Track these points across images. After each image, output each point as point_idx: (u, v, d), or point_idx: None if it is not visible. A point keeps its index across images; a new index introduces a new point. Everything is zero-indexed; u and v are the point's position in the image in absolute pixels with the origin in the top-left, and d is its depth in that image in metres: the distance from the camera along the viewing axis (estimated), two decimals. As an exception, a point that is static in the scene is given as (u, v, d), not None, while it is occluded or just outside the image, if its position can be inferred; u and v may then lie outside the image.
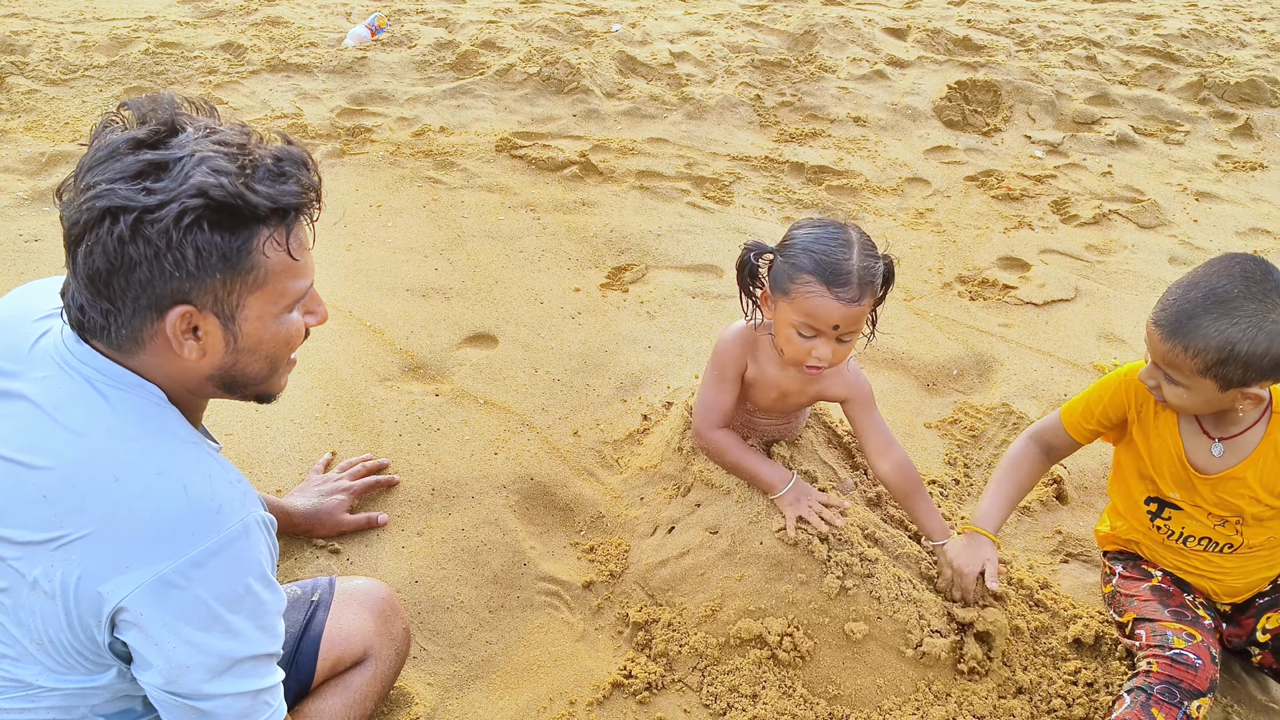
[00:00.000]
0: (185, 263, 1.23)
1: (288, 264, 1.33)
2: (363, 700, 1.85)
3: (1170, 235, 4.30)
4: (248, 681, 1.33)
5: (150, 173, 1.22)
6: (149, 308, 1.26)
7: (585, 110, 5.00)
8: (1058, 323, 3.62)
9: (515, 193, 4.20)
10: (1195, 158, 5.05)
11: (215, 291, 1.28)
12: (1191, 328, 1.79)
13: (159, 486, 1.24)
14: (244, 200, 1.24)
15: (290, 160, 1.31)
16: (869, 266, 2.02)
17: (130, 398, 1.30)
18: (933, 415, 3.16)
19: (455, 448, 2.71)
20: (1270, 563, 2.12)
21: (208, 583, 1.24)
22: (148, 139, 1.25)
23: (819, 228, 2.08)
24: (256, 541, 1.30)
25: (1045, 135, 5.24)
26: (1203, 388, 1.85)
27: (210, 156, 1.23)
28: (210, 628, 1.27)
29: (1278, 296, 1.76)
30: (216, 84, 4.98)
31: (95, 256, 1.22)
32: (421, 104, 4.94)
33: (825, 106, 5.33)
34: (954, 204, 4.50)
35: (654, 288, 3.64)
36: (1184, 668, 1.94)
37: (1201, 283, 1.81)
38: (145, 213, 1.20)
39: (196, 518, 1.24)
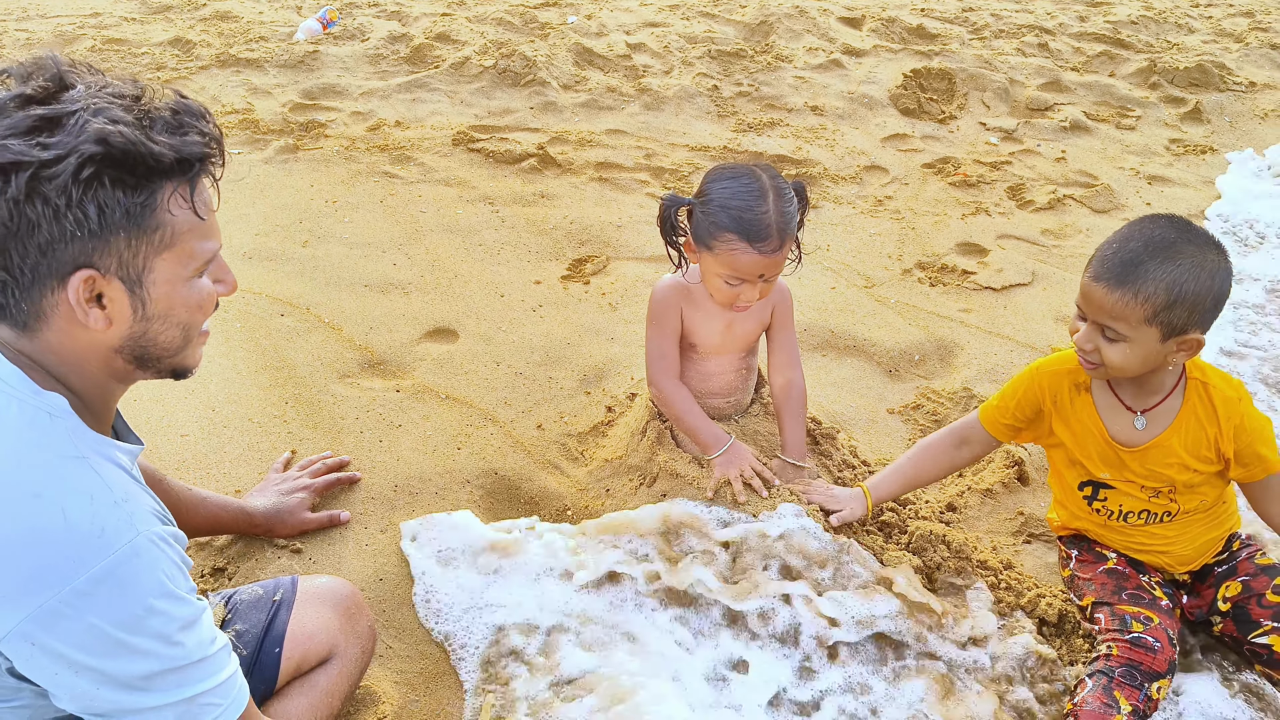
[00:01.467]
0: (87, 221, 1.15)
1: (195, 223, 1.26)
2: (329, 699, 1.82)
3: (1124, 218, 4.36)
4: (175, 692, 1.25)
5: (44, 128, 1.14)
6: (49, 274, 1.17)
7: (542, 103, 4.97)
8: (1016, 307, 3.65)
9: (473, 186, 4.17)
10: (1147, 142, 5.12)
11: (120, 253, 1.20)
12: (1140, 273, 1.84)
13: (34, 511, 1.15)
14: (145, 149, 1.17)
15: (188, 112, 1.24)
16: (785, 211, 2.10)
17: (18, 407, 1.21)
18: (895, 401, 3.17)
19: (417, 444, 2.68)
20: (1211, 523, 2.16)
21: (99, 610, 1.16)
22: (37, 95, 1.17)
23: (733, 179, 2.13)
24: (150, 560, 1.21)
25: (1000, 122, 5.29)
26: (1145, 338, 1.89)
27: (106, 107, 1.16)
28: (113, 653, 1.19)
29: (1205, 242, 1.85)
30: (165, 80, 4.89)
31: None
32: (376, 98, 4.88)
33: (783, 96, 5.34)
34: (912, 191, 4.53)
35: (615, 279, 3.62)
36: (1143, 650, 1.98)
37: (1136, 234, 1.88)
38: (42, 167, 1.12)
39: (77, 544, 1.15)
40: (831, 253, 3.94)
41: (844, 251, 3.96)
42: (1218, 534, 2.19)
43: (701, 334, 2.36)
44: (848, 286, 3.72)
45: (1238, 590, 2.15)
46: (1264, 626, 2.08)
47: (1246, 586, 2.14)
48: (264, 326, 3.02)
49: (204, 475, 2.49)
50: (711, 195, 2.14)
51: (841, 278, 3.77)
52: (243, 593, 1.85)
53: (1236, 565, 2.18)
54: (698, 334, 2.36)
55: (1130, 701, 1.93)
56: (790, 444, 2.41)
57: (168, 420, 2.65)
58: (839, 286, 3.70)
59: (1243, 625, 2.13)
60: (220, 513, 2.21)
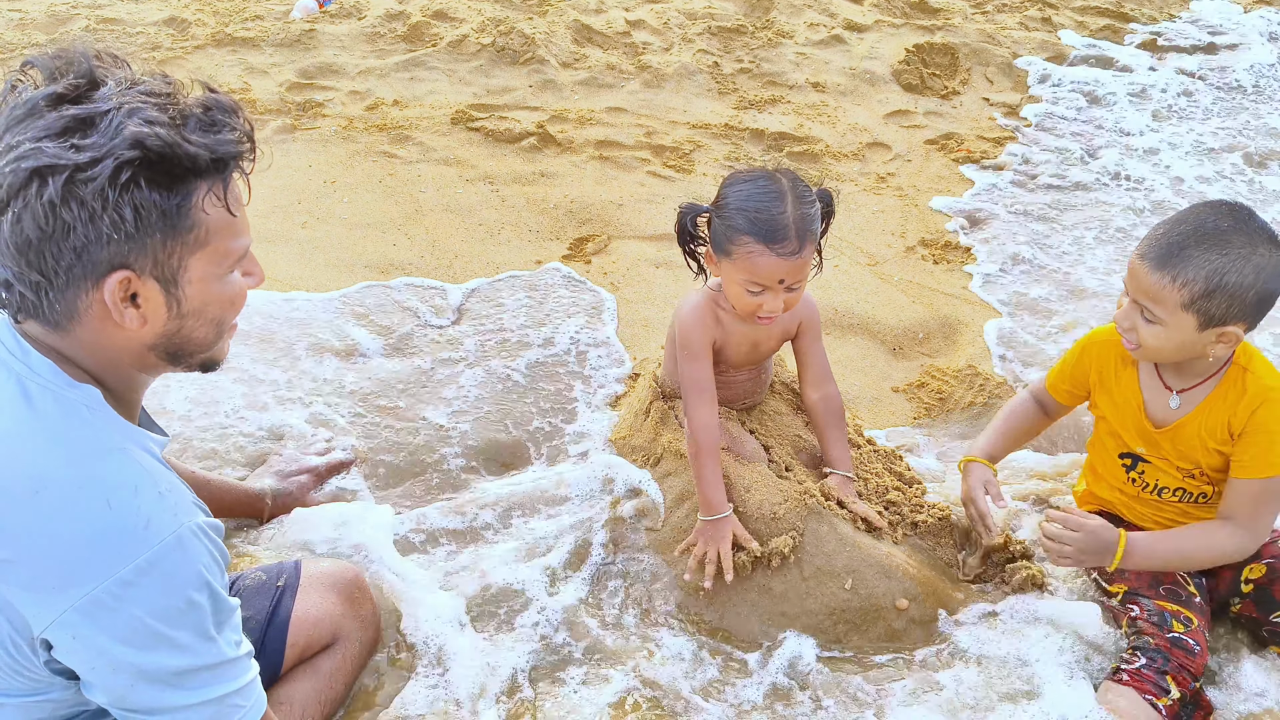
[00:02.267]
0: (123, 223, 1.14)
1: (228, 221, 1.26)
2: (333, 684, 1.82)
3: (1129, 190, 4.32)
4: (206, 691, 1.25)
5: (77, 128, 1.13)
6: (84, 276, 1.17)
7: (541, 81, 4.92)
8: (1024, 282, 3.63)
9: (473, 165, 4.13)
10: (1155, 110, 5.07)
11: (155, 254, 1.19)
12: (1183, 258, 1.80)
13: (81, 502, 1.16)
14: (181, 150, 1.16)
15: (220, 108, 1.23)
16: (805, 214, 2.03)
17: (56, 401, 1.21)
18: (900, 379, 3.15)
19: (422, 424, 2.66)
20: None
21: (141, 601, 1.16)
22: (69, 93, 1.15)
23: (749, 182, 2.07)
24: (193, 552, 1.22)
25: (1003, 97, 5.25)
26: (1182, 325, 1.86)
27: (140, 107, 1.15)
28: (152, 646, 1.19)
29: (1262, 236, 1.80)
30: (161, 60, 4.84)
31: (24, 224, 1.12)
32: (374, 77, 4.83)
33: (784, 73, 5.29)
34: (915, 168, 4.49)
35: (616, 258, 3.59)
36: (1183, 652, 1.96)
37: (1189, 218, 1.84)
38: (77, 170, 1.11)
39: (122, 534, 1.16)
40: (834, 231, 3.90)
41: (847, 229, 3.93)
42: None
43: (728, 351, 2.31)
44: (851, 264, 3.69)
45: (1262, 572, 2.13)
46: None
47: (1272, 568, 2.12)
48: (261, 312, 3.00)
49: (208, 460, 2.47)
50: (728, 200, 2.08)
51: (845, 255, 3.74)
52: (246, 578, 1.83)
53: (1261, 549, 2.15)
54: (723, 352, 2.31)
55: (1181, 689, 1.92)
56: (838, 458, 2.38)
57: (171, 404, 2.63)
58: (842, 264, 3.67)
59: (1264, 605, 2.12)
60: (224, 495, 2.19)
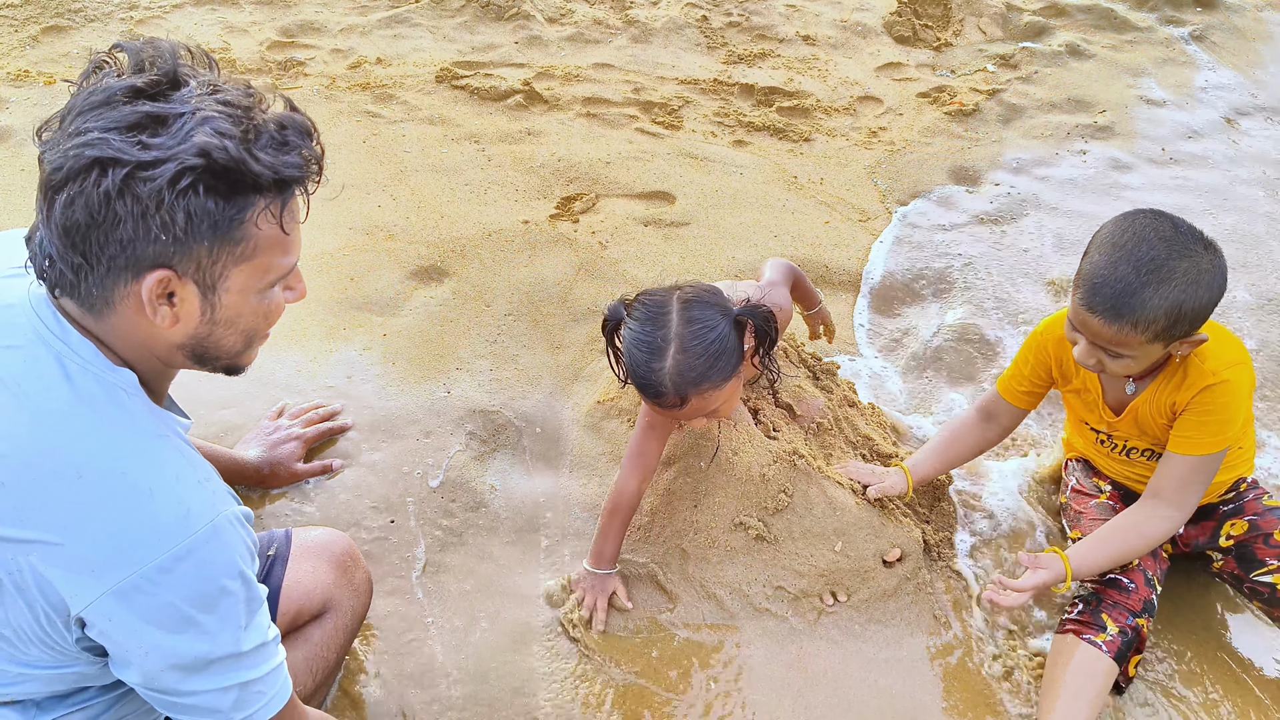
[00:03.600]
0: (173, 226, 1.14)
1: (279, 238, 1.25)
2: (325, 652, 1.81)
3: (1120, 144, 4.28)
4: (231, 676, 1.28)
5: (148, 125, 1.13)
6: (125, 268, 1.17)
7: (527, 37, 4.84)
8: (1014, 237, 3.60)
9: (458, 124, 4.07)
10: (1144, 64, 5.01)
11: (199, 259, 1.19)
12: (1136, 304, 1.76)
13: (123, 489, 1.17)
14: (246, 167, 1.16)
15: (295, 128, 1.22)
16: (691, 367, 1.86)
17: (98, 383, 1.22)
18: (891, 337, 3.13)
19: (407, 387, 2.64)
20: (1223, 466, 2.13)
21: (177, 587, 1.18)
22: (148, 89, 1.15)
23: (639, 322, 1.93)
24: (229, 541, 1.24)
25: (997, 48, 5.17)
26: (1150, 352, 1.86)
27: (214, 116, 1.14)
28: (182, 629, 1.21)
29: (1194, 244, 1.77)
30: (139, 20, 4.74)
31: (76, 208, 1.12)
32: (356, 35, 4.75)
33: (774, 26, 5.20)
34: (907, 121, 4.44)
35: (605, 217, 3.55)
36: (1117, 591, 2.04)
37: (1123, 257, 1.78)
38: (139, 168, 1.11)
39: (163, 523, 1.18)
40: (825, 186, 3.87)
41: (838, 184, 3.89)
42: (1223, 479, 2.16)
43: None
44: (842, 220, 3.65)
45: (1244, 529, 2.14)
46: (1269, 565, 2.09)
47: (1254, 525, 2.13)
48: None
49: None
50: (625, 331, 1.97)
51: (836, 211, 3.70)
52: (236, 547, 1.82)
53: (1243, 505, 2.17)
54: None
55: (1118, 623, 2.00)
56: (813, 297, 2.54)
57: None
58: (833, 220, 3.64)
59: (1245, 563, 2.13)
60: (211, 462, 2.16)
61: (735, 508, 2.20)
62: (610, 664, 2.09)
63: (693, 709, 2.03)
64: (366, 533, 2.26)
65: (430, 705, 1.98)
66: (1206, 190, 3.97)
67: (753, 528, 2.18)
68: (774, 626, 2.19)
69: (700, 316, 1.90)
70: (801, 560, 2.19)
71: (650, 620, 2.19)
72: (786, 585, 2.20)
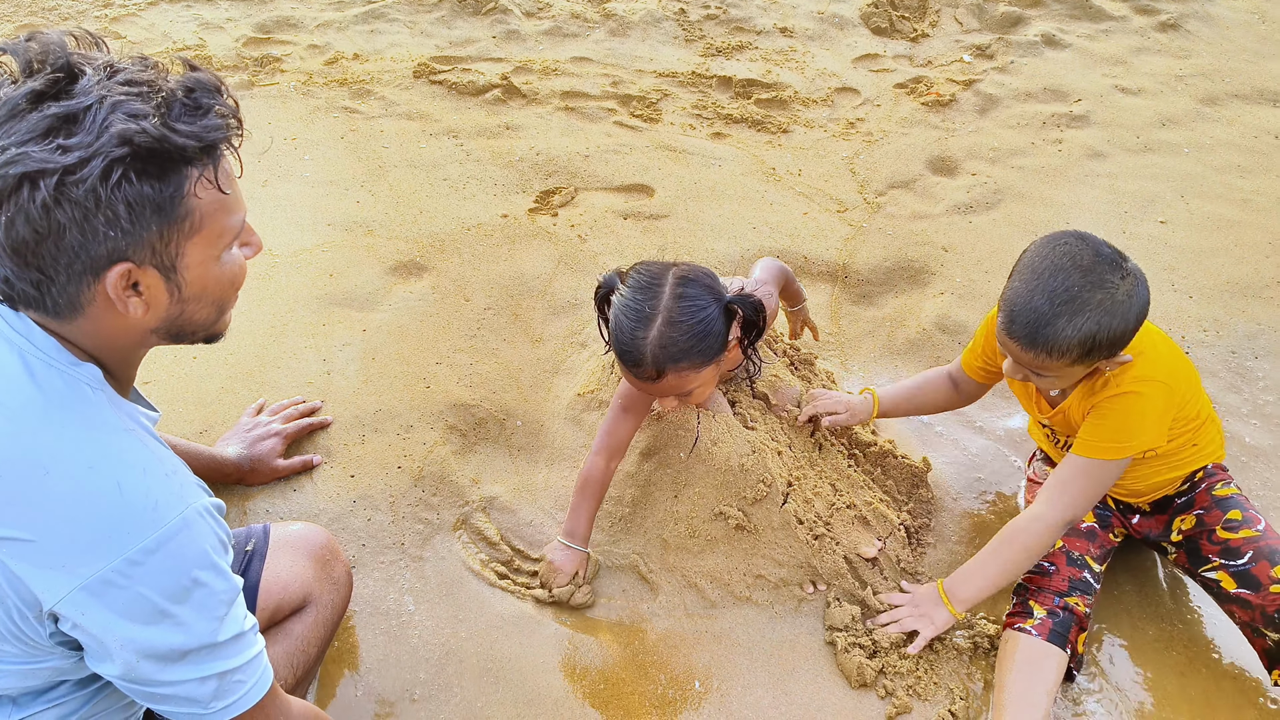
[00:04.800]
0: (118, 220, 1.14)
1: (221, 201, 1.25)
2: (305, 647, 1.81)
3: (1096, 133, 4.31)
4: (208, 667, 1.28)
5: (60, 128, 1.11)
6: (84, 271, 1.16)
7: (505, 31, 4.84)
8: (991, 225, 3.62)
9: (436, 119, 4.06)
10: (1119, 53, 5.05)
11: (152, 244, 1.19)
12: (1050, 334, 1.81)
13: (92, 483, 1.17)
14: (170, 143, 1.14)
15: (203, 89, 1.20)
16: (673, 341, 1.87)
17: (62, 379, 1.22)
18: (870, 325, 3.15)
19: (387, 382, 2.64)
20: (1169, 466, 2.16)
21: (148, 580, 1.19)
22: (48, 89, 1.13)
23: (632, 289, 1.93)
24: (199, 532, 1.24)
25: (973, 39, 5.20)
26: (1072, 374, 1.93)
27: (123, 100, 1.13)
28: (156, 622, 1.21)
29: (1111, 274, 1.80)
30: (113, 18, 4.72)
31: (19, 226, 1.11)
32: (332, 30, 4.73)
33: (751, 18, 5.21)
34: (884, 112, 4.45)
35: (584, 210, 3.55)
36: (1039, 575, 2.12)
37: (1040, 286, 1.82)
38: (66, 173, 1.10)
39: (132, 516, 1.18)
40: (803, 177, 3.88)
41: (816, 176, 3.90)
42: (1177, 474, 2.18)
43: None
44: (820, 211, 3.67)
45: (1192, 524, 2.18)
46: (1213, 562, 2.11)
47: (1200, 520, 2.16)
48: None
49: (171, 425, 2.44)
50: (615, 298, 1.96)
51: (814, 203, 3.72)
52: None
53: (1194, 497, 2.20)
54: None
55: (1044, 606, 2.07)
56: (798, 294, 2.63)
57: (130, 369, 2.59)
58: (812, 211, 3.65)
59: (1194, 559, 2.16)
60: (190, 461, 2.17)
61: (715, 498, 2.21)
62: (593, 653, 2.10)
63: (675, 698, 2.04)
64: (347, 528, 2.26)
65: (412, 696, 1.99)
66: (1180, 177, 4.00)
67: (732, 517, 2.19)
68: (755, 615, 2.20)
69: (692, 295, 1.90)
70: (781, 550, 2.20)
71: (632, 610, 2.21)
72: (767, 574, 2.22)
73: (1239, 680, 2.15)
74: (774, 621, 2.19)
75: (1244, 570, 2.05)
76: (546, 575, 2.20)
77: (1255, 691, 2.13)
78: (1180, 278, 3.38)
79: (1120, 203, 3.81)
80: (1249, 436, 2.75)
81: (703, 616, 2.20)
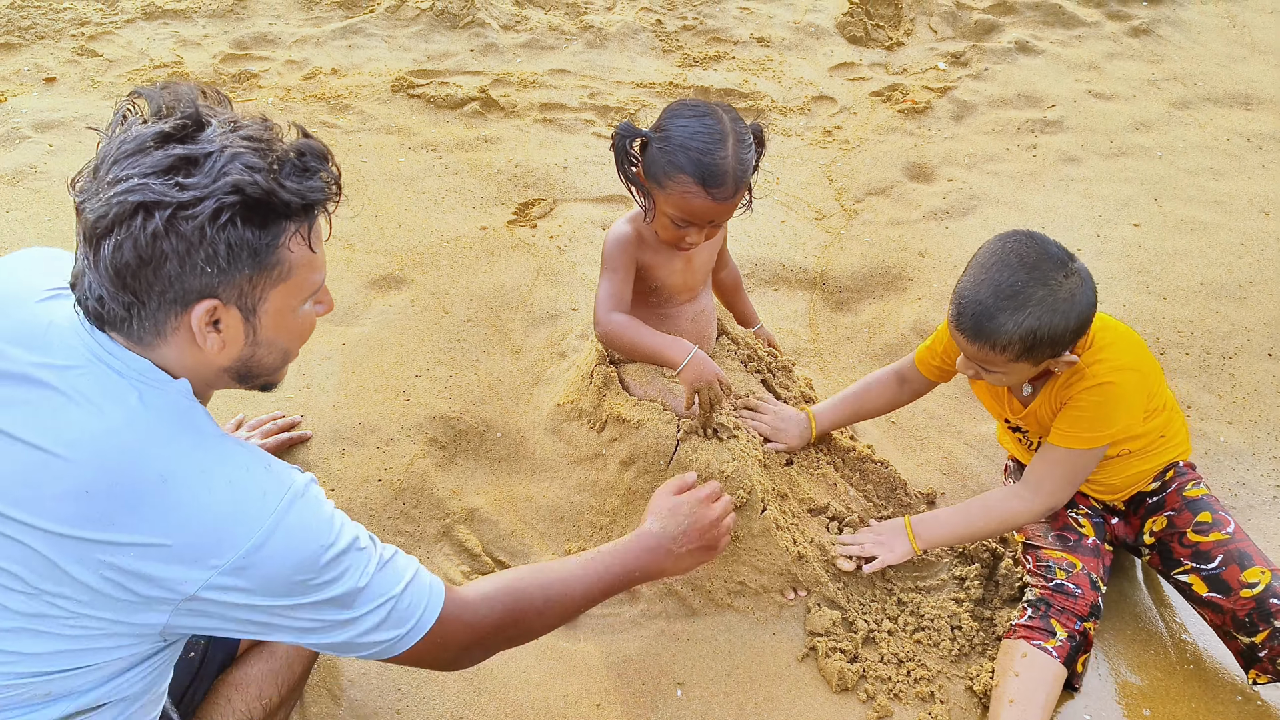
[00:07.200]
0: (217, 258, 1.24)
1: (309, 258, 1.35)
2: (290, 666, 1.81)
3: (1069, 138, 4.35)
4: (367, 606, 1.36)
5: (181, 168, 1.22)
6: (175, 302, 1.26)
7: (483, 44, 4.85)
8: (967, 231, 3.65)
9: (415, 133, 4.07)
10: (1092, 58, 5.10)
11: (241, 286, 1.29)
12: (992, 328, 1.87)
13: (206, 485, 1.26)
14: (276, 197, 1.26)
15: (312, 154, 1.32)
16: (743, 158, 2.04)
17: (161, 396, 1.30)
18: (848, 333, 3.17)
19: (367, 395, 2.64)
20: (1142, 458, 2.19)
21: (276, 559, 1.27)
22: (175, 133, 1.24)
23: (695, 117, 2.05)
24: (306, 507, 1.33)
25: (947, 46, 5.25)
26: (1018, 370, 1.97)
27: (241, 152, 1.24)
28: (302, 594, 1.31)
29: (1056, 272, 1.85)
30: (90, 35, 4.71)
31: (125, 250, 1.21)
32: (310, 45, 4.74)
33: (728, 28, 5.25)
34: (861, 120, 4.49)
35: (563, 221, 3.57)
36: (1064, 596, 2.09)
37: (986, 280, 1.88)
38: (180, 208, 1.20)
39: (247, 507, 1.27)
40: (781, 185, 3.91)
41: (793, 184, 3.93)
42: (1150, 466, 2.21)
43: (661, 275, 2.29)
44: (798, 219, 3.69)
45: (1163, 525, 2.20)
46: (1184, 565, 2.13)
47: (1171, 522, 2.18)
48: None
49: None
50: (671, 132, 2.05)
51: (792, 210, 3.74)
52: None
53: (1165, 498, 2.22)
54: (658, 275, 2.29)
55: (1066, 629, 2.05)
56: (753, 316, 2.72)
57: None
58: (789, 219, 3.67)
59: (1167, 561, 2.19)
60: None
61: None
62: (575, 662, 2.11)
63: (657, 706, 2.05)
64: (328, 542, 2.26)
65: (395, 708, 1.98)
66: (1153, 180, 4.05)
67: (712, 524, 2.20)
68: (736, 621, 2.21)
69: (738, 115, 2.09)
70: (761, 557, 2.21)
71: (613, 618, 2.21)
72: (748, 581, 2.22)
73: (1217, 679, 2.17)
74: (755, 627, 2.20)
75: (1214, 574, 2.07)
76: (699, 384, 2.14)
77: (1233, 690, 2.15)
78: (1154, 279, 3.42)
79: (1094, 206, 3.85)
80: (1223, 436, 2.78)
81: (684, 623, 2.20)
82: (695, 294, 2.39)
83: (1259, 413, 2.86)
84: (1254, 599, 2.00)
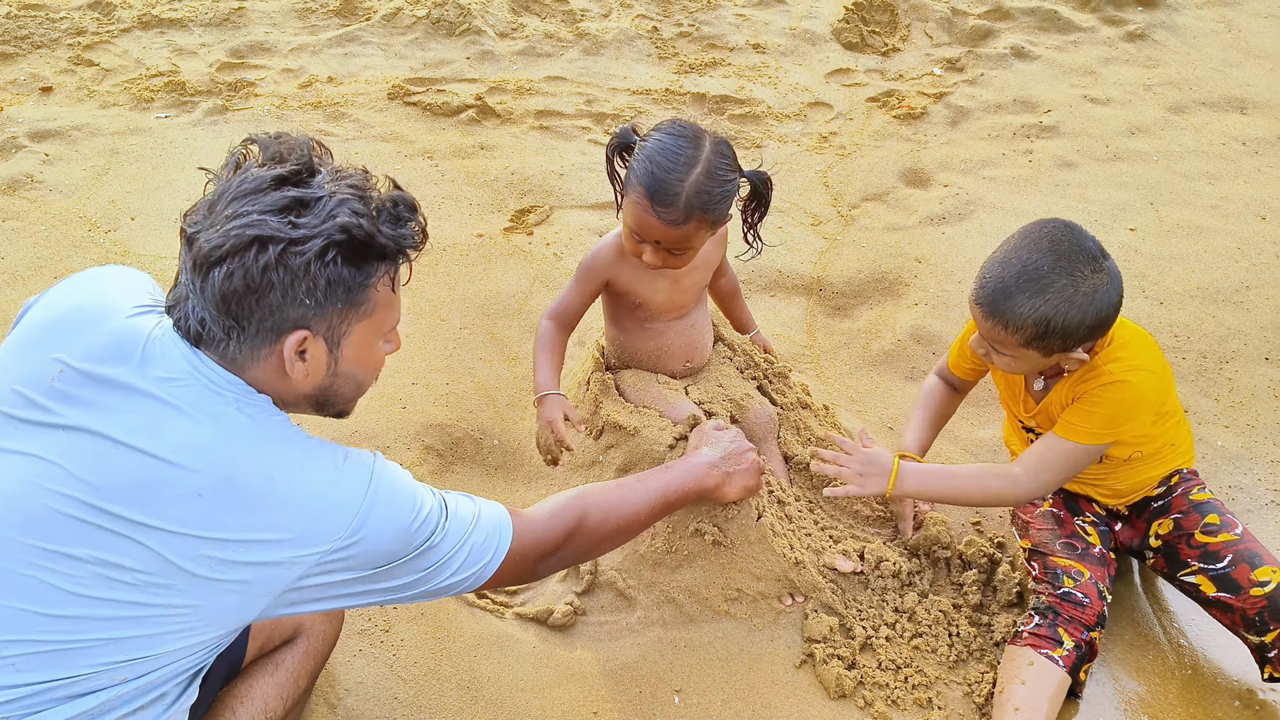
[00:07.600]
0: (316, 291, 1.36)
1: (391, 299, 1.48)
2: (294, 678, 1.80)
3: (1065, 143, 4.36)
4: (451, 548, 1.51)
5: (295, 208, 1.34)
6: (272, 330, 1.37)
7: (479, 52, 4.86)
8: (963, 237, 3.65)
9: (411, 141, 4.07)
10: (1088, 63, 5.11)
11: (331, 320, 1.41)
12: (1008, 307, 1.87)
13: (305, 479, 1.38)
14: (375, 240, 1.39)
15: (404, 205, 1.44)
16: (706, 190, 1.98)
17: (255, 406, 1.41)
18: (845, 338, 3.17)
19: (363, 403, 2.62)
20: (1149, 465, 2.19)
21: (377, 534, 1.41)
22: (290, 177, 1.37)
23: (673, 136, 2.03)
24: (385, 483, 1.45)
25: (943, 52, 5.25)
26: (1027, 357, 1.96)
27: (347, 198, 1.37)
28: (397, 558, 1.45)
29: (1084, 265, 1.85)
30: (86, 45, 4.71)
31: (235, 278, 1.32)
32: (306, 54, 4.74)
33: (724, 35, 5.26)
34: (857, 126, 4.50)
35: (559, 228, 3.57)
36: (1072, 605, 2.07)
37: (1014, 259, 1.89)
38: (291, 244, 1.32)
39: (341, 494, 1.40)
40: (777, 192, 3.89)
41: (790, 190, 3.93)
42: (1157, 473, 2.22)
43: (644, 293, 2.28)
44: (794, 225, 3.69)
45: (1170, 528, 2.19)
46: (1191, 566, 2.13)
47: (1178, 525, 2.18)
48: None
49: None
50: (648, 143, 2.05)
51: (789, 217, 3.74)
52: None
53: (1171, 501, 2.22)
54: (639, 292, 2.28)
55: (1073, 638, 2.04)
56: (747, 322, 2.66)
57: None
58: (785, 226, 3.68)
59: (1172, 563, 2.18)
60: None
61: (691, 514, 2.22)
62: (572, 670, 2.10)
63: (654, 713, 2.04)
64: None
65: (392, 716, 1.98)
66: (1150, 185, 4.05)
67: (709, 533, 2.20)
68: (733, 628, 2.21)
69: (728, 156, 2.04)
70: (758, 564, 2.21)
71: (610, 625, 2.21)
72: (744, 588, 2.22)
73: (1215, 684, 2.17)
74: (752, 634, 2.20)
75: (1223, 574, 2.07)
76: (542, 437, 2.18)
77: (1231, 695, 2.15)
78: (1150, 284, 3.42)
79: (1090, 211, 3.85)
80: (1220, 440, 2.78)
81: (681, 630, 2.20)
82: (685, 311, 2.37)
83: (1256, 417, 2.87)
84: (1265, 597, 1.99)
